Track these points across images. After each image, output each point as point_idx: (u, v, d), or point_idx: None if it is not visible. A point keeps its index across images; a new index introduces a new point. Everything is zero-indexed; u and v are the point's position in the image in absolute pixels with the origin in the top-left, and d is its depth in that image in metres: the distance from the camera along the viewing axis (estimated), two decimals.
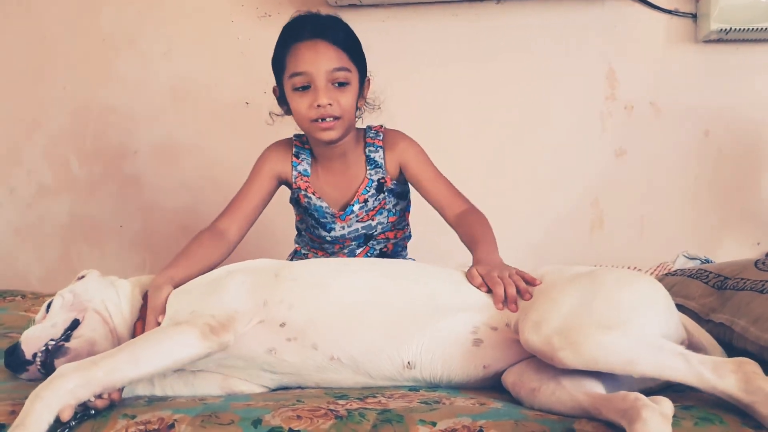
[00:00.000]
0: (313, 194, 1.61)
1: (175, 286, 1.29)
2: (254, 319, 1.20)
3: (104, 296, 1.31)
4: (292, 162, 1.62)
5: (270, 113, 1.65)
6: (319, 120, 1.49)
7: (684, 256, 2.12)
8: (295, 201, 1.66)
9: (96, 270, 1.44)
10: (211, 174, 2.59)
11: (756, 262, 1.41)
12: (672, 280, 1.67)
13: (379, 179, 1.61)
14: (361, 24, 2.48)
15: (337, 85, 1.49)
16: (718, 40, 2.34)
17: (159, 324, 1.22)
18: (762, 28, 2.22)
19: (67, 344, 1.22)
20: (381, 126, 1.66)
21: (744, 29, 2.23)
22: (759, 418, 0.91)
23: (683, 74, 2.40)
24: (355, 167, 1.62)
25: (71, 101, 2.65)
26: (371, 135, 1.63)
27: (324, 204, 1.61)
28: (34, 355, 1.21)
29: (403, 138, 1.63)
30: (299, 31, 1.52)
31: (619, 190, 2.43)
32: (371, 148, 1.61)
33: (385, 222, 1.67)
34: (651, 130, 2.42)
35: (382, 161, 1.61)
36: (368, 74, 1.62)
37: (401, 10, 2.48)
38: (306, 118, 1.51)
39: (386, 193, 1.63)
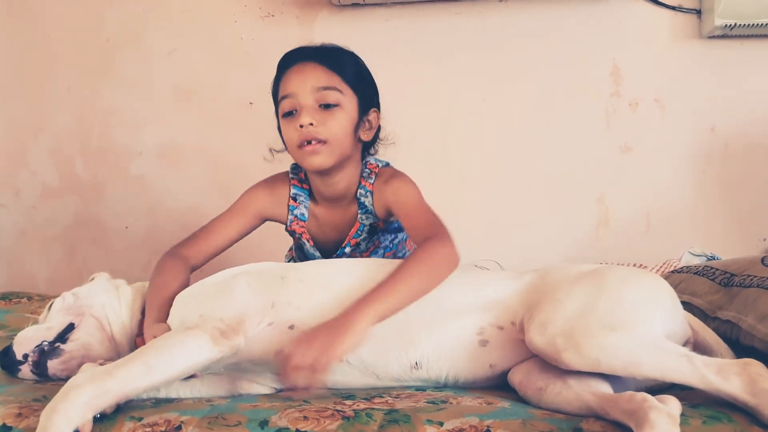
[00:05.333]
0: (308, 241, 1.54)
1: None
2: (263, 321, 1.19)
3: (105, 301, 1.32)
4: (288, 206, 1.52)
5: (270, 149, 1.57)
6: (304, 144, 1.38)
7: (690, 252, 2.11)
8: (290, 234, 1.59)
9: (106, 273, 1.44)
10: (215, 174, 2.59)
11: (763, 259, 1.41)
12: (678, 277, 1.67)
13: (371, 223, 1.52)
14: (364, 23, 2.51)
15: (324, 106, 1.39)
16: (723, 36, 2.33)
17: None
18: (767, 24, 2.21)
19: (62, 346, 1.22)
20: (377, 165, 1.51)
21: (748, 24, 2.22)
22: (765, 420, 0.91)
23: (688, 70, 2.40)
24: (351, 208, 1.51)
25: (75, 102, 2.65)
26: (364, 175, 1.50)
27: (317, 254, 1.55)
28: (25, 356, 1.22)
29: (394, 180, 1.46)
30: (291, 57, 1.45)
31: (625, 187, 2.43)
32: (361, 191, 1.48)
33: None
34: (656, 126, 2.42)
35: (371, 207, 1.49)
36: (377, 108, 1.49)
37: (404, 8, 2.48)
38: (293, 145, 1.41)
39: (380, 234, 1.56)
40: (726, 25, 2.24)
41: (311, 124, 1.37)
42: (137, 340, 1.29)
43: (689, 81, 2.40)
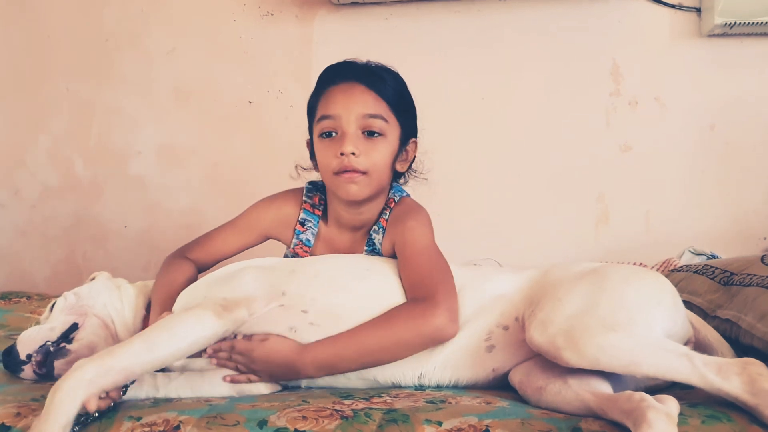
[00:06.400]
0: None
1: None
2: (273, 303, 1.19)
3: (107, 300, 1.32)
4: (295, 230, 1.44)
5: (296, 166, 1.50)
6: (342, 172, 1.31)
7: (690, 251, 2.11)
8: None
9: (106, 272, 1.44)
10: (214, 173, 2.59)
11: (763, 258, 1.41)
12: (678, 276, 1.67)
13: None
14: (364, 21, 2.51)
15: (368, 134, 1.32)
16: (723, 34, 2.33)
17: None
18: (766, 22, 2.21)
19: (68, 346, 1.23)
20: (393, 199, 1.41)
21: (748, 23, 2.22)
22: (765, 420, 0.90)
23: (688, 69, 2.39)
24: (360, 241, 1.42)
25: (74, 102, 2.66)
26: (382, 209, 1.41)
27: None
28: (29, 356, 1.23)
29: (407, 218, 1.34)
30: (337, 74, 1.37)
31: (625, 186, 2.42)
32: (375, 227, 1.39)
33: None
34: (656, 125, 2.41)
35: (379, 245, 1.38)
36: (415, 137, 1.43)
37: (404, 7, 2.48)
38: (328, 170, 1.33)
39: None
40: (726, 24, 2.23)
41: (353, 154, 1.29)
42: None
43: (689, 79, 2.39)
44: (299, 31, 2.54)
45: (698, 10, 2.36)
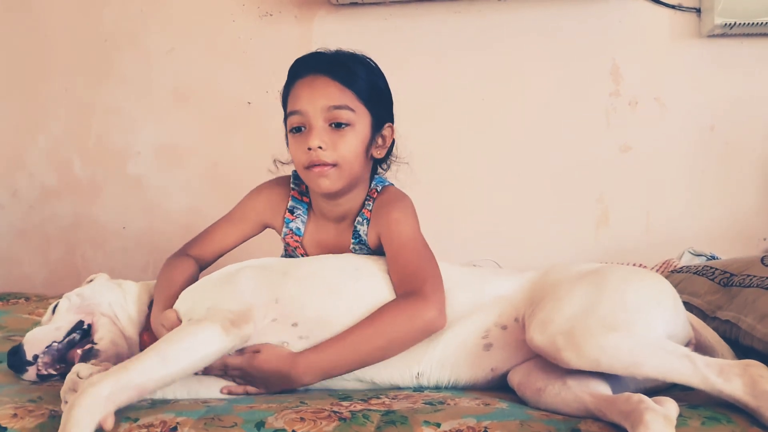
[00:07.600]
0: (301, 256, 1.44)
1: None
2: (268, 315, 1.19)
3: (111, 299, 1.32)
4: (284, 218, 1.44)
5: (275, 160, 1.52)
6: (312, 167, 1.31)
7: (690, 252, 2.11)
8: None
9: (105, 273, 1.45)
10: (213, 173, 2.58)
11: (762, 259, 1.41)
12: (678, 277, 1.66)
13: (364, 254, 1.41)
14: (363, 22, 2.51)
15: (334, 126, 1.31)
16: (723, 35, 2.33)
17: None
18: (766, 22, 2.21)
19: (96, 347, 1.23)
20: (375, 189, 1.40)
21: (748, 23, 2.22)
22: (765, 422, 0.90)
23: (688, 69, 2.39)
24: (346, 232, 1.41)
25: (73, 102, 2.65)
26: (365, 200, 1.41)
27: None
28: (35, 357, 1.23)
29: (391, 208, 1.35)
30: (302, 66, 1.36)
31: (624, 187, 2.42)
32: (359, 219, 1.38)
33: None
34: (656, 125, 2.41)
35: (365, 237, 1.37)
36: (391, 122, 1.42)
37: (403, 7, 2.47)
38: (300, 165, 1.34)
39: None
40: (726, 24, 2.23)
41: (320, 147, 1.29)
42: (144, 334, 1.30)
43: (689, 80, 2.39)
44: (298, 31, 2.53)
45: (698, 11, 2.36)
